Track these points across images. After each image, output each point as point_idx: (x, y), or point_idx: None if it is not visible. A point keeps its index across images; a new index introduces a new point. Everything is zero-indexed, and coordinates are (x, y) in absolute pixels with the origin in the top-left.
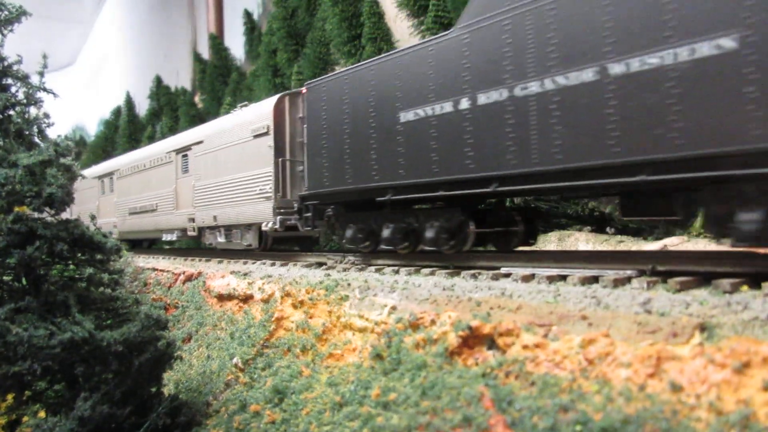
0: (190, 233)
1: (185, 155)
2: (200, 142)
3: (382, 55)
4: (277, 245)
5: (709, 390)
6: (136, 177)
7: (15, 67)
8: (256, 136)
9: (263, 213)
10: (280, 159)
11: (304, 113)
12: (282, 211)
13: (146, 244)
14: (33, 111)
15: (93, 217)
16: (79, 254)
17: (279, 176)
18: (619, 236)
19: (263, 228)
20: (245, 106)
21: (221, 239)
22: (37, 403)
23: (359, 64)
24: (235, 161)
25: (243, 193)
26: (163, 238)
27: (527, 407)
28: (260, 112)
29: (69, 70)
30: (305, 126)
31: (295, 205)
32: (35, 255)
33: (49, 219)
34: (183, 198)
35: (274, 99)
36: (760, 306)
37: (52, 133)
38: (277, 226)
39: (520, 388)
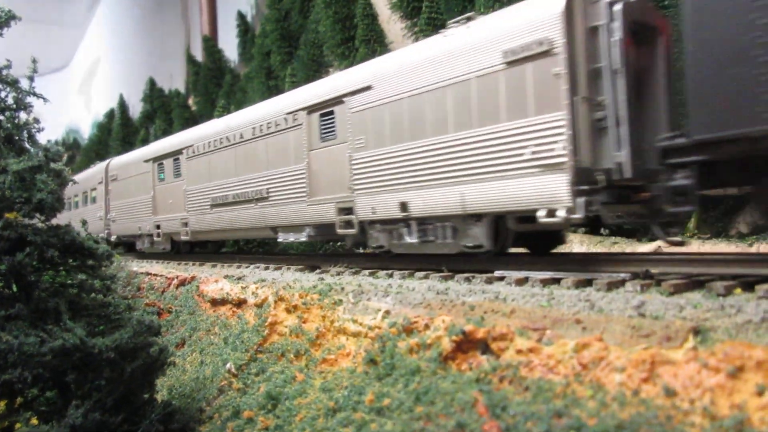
0: (342, 231)
1: (328, 114)
2: (363, 90)
3: None
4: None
5: (703, 395)
6: (224, 154)
7: (4, 72)
8: (512, 63)
9: (541, 192)
10: (577, 98)
11: (611, 17)
12: (586, 188)
13: (211, 246)
14: (23, 116)
15: (84, 223)
16: (70, 260)
17: (578, 127)
18: (614, 237)
19: (542, 218)
20: (471, 18)
21: (411, 239)
22: (29, 410)
23: None
24: (457, 111)
25: (483, 162)
26: (280, 239)
27: (521, 413)
28: (526, 20)
29: (63, 73)
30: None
31: (598, 176)
32: (25, 262)
33: (39, 225)
34: (324, 179)
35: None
36: (754, 309)
37: (45, 137)
38: (579, 215)
39: (514, 394)
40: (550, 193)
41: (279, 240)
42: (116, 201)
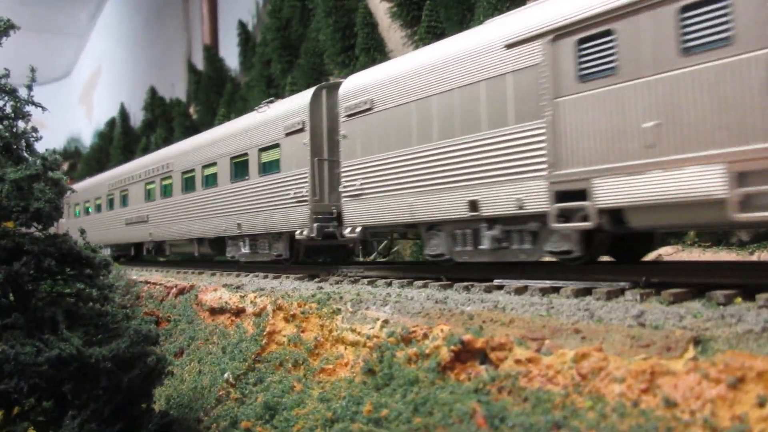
0: None
1: None
2: None
3: None
4: None
5: (704, 406)
6: None
7: (2, 81)
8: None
9: None
10: None
11: None
12: None
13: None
14: (21, 125)
15: (82, 232)
16: (68, 269)
17: None
18: None
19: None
20: None
21: None
22: (26, 420)
23: None
24: None
25: None
26: None
27: (520, 424)
28: None
29: (65, 82)
30: None
31: None
32: (22, 271)
33: (36, 234)
34: None
35: None
36: (754, 318)
37: (46, 145)
38: None
39: (512, 404)
40: None
41: None
42: (361, 157)
